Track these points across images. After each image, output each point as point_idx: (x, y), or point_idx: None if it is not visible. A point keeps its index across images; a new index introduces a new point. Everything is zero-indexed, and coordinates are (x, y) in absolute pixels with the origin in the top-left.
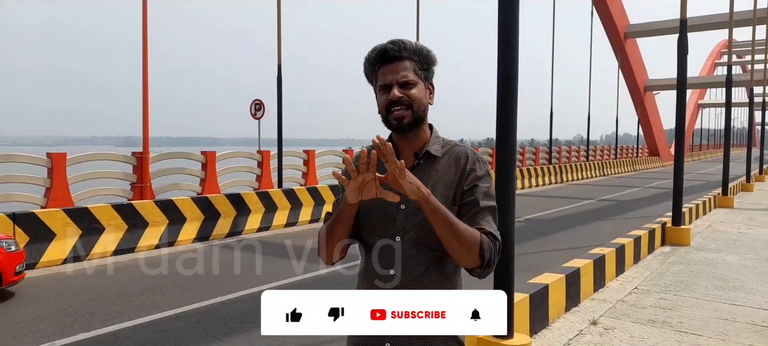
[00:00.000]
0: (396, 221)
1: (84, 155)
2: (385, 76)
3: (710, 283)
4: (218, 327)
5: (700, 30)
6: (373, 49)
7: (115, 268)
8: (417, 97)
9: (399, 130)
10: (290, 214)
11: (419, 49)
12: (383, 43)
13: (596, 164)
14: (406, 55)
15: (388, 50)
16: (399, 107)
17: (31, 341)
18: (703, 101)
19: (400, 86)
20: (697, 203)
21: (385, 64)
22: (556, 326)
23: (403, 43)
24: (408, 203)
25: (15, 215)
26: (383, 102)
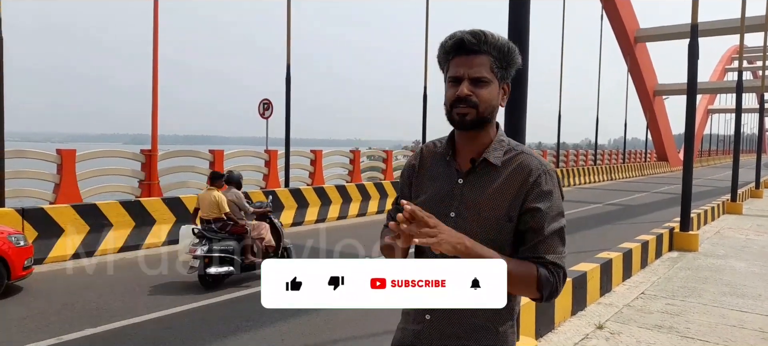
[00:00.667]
0: None
1: (93, 152)
2: (458, 69)
3: (718, 289)
4: (223, 325)
5: (711, 35)
6: (450, 35)
7: (122, 264)
8: (486, 98)
9: (460, 127)
10: (297, 213)
11: (501, 46)
12: (463, 30)
13: (604, 168)
14: (485, 49)
15: (466, 42)
16: (464, 105)
17: (39, 336)
18: (712, 107)
19: (471, 82)
20: (706, 208)
21: (459, 55)
22: (561, 330)
23: (484, 36)
24: (458, 212)
25: (24, 211)
26: (450, 95)
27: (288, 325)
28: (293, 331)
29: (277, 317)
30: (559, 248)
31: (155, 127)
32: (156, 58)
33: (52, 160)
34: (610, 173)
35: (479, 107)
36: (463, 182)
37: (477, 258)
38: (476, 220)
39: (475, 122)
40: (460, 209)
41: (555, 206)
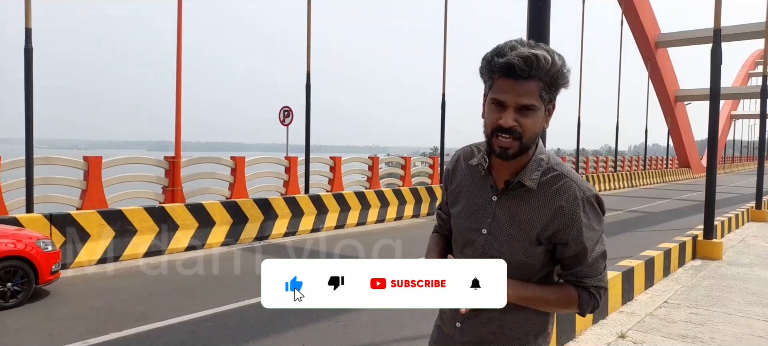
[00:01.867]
0: (476, 245)
1: (118, 159)
2: (504, 93)
3: (743, 298)
4: (246, 330)
5: (734, 40)
6: (498, 51)
7: (147, 269)
8: (530, 128)
9: (501, 158)
10: (316, 219)
11: (552, 71)
12: (516, 48)
13: (624, 175)
14: (536, 75)
15: (516, 67)
16: (507, 137)
17: (66, 339)
18: (736, 112)
19: (518, 110)
20: (730, 216)
21: (507, 78)
22: (582, 339)
23: (536, 61)
24: (491, 230)
25: (52, 216)
26: (492, 120)
27: (308, 329)
28: (313, 335)
29: (297, 322)
30: (601, 271)
31: (178, 135)
32: (179, 67)
33: (79, 167)
34: (631, 180)
35: (523, 139)
36: (498, 199)
37: (521, 299)
38: (507, 241)
39: (516, 154)
40: (492, 226)
41: (596, 236)
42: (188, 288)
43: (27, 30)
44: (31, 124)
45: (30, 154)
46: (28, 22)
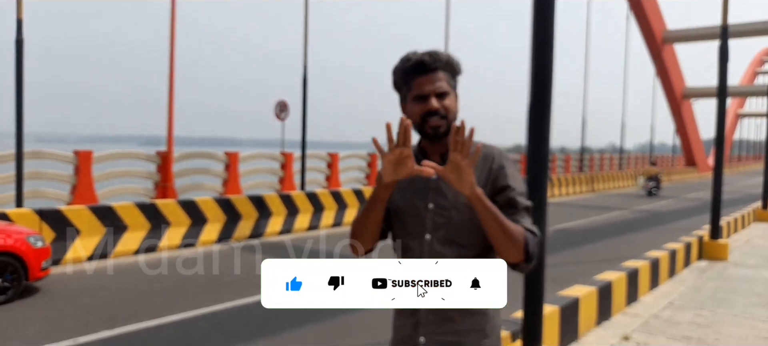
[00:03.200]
0: (425, 220)
1: (109, 153)
2: (422, 87)
3: (749, 300)
4: (239, 329)
5: (741, 36)
6: (406, 58)
7: (138, 267)
8: (451, 108)
9: (434, 139)
10: (312, 217)
11: (450, 61)
12: (417, 53)
13: (630, 174)
14: (440, 66)
15: (426, 62)
16: (436, 117)
17: (56, 337)
18: (742, 111)
19: (438, 97)
20: (736, 216)
21: (421, 75)
22: (586, 341)
23: (438, 55)
24: (436, 202)
25: (42, 211)
26: (419, 111)
27: (303, 330)
28: (308, 335)
29: (292, 322)
30: (531, 221)
31: (171, 129)
32: (172, 59)
33: (69, 162)
34: (637, 179)
35: (448, 117)
36: (437, 176)
37: (488, 208)
38: (454, 206)
39: (446, 132)
40: (437, 199)
41: (520, 185)
42: (181, 286)
43: (18, 21)
44: (21, 118)
45: (20, 148)
46: (19, 13)
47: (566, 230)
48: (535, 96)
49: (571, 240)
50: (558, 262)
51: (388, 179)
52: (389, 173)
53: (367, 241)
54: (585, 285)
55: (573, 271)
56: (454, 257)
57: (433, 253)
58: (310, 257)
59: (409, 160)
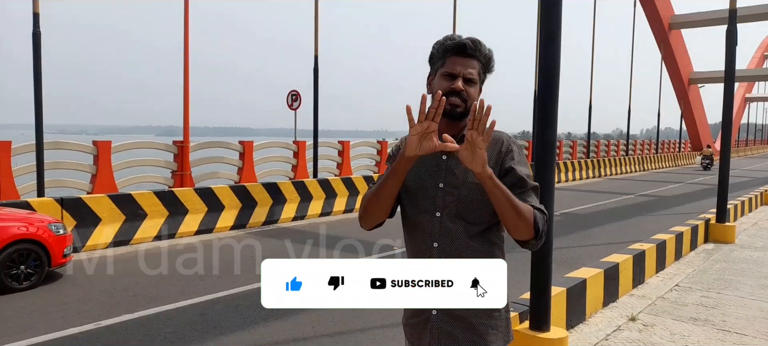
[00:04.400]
0: (436, 198)
1: (128, 143)
2: (454, 66)
3: (756, 282)
4: (255, 312)
5: (749, 21)
6: (449, 37)
7: (157, 253)
8: (473, 96)
9: (449, 117)
10: (325, 204)
11: (488, 56)
12: (461, 36)
13: (636, 159)
14: (478, 56)
15: (467, 46)
16: (457, 98)
17: (78, 321)
18: (750, 95)
19: (465, 81)
20: (743, 199)
21: (457, 56)
22: (593, 321)
23: (479, 45)
24: (446, 181)
25: (63, 200)
26: (445, 87)
27: (318, 312)
28: (323, 319)
29: None
30: (538, 201)
31: (187, 119)
32: (187, 50)
33: (88, 152)
34: (643, 164)
35: (467, 103)
36: (447, 157)
37: (498, 186)
38: (464, 185)
39: (463, 114)
40: (447, 178)
41: (526, 167)
42: (198, 271)
43: (35, 14)
44: (40, 109)
45: (40, 139)
46: (36, 7)
47: (573, 214)
48: (542, 82)
49: (578, 224)
50: (565, 245)
51: (411, 152)
52: (414, 145)
53: (379, 214)
54: (592, 267)
55: (580, 253)
56: (461, 232)
57: (443, 229)
58: (319, 242)
59: (434, 135)
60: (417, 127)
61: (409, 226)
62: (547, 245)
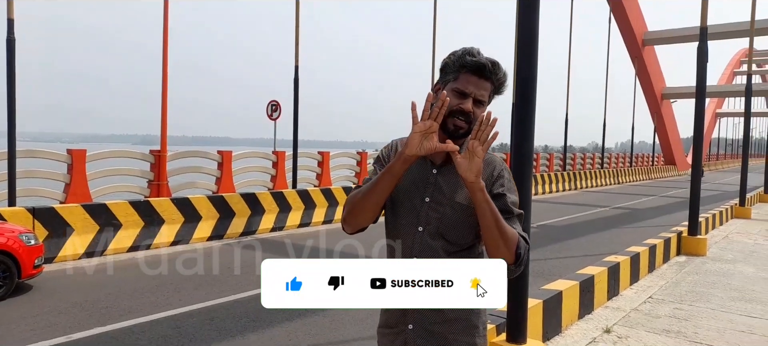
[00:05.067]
0: (420, 213)
1: (103, 152)
2: (468, 86)
3: (726, 294)
4: (231, 325)
5: (720, 38)
6: (470, 52)
7: (131, 264)
8: (478, 118)
9: (452, 137)
10: (304, 215)
11: (502, 81)
12: (482, 55)
13: (611, 172)
14: (493, 79)
15: (485, 67)
16: (463, 119)
17: (49, 334)
18: (721, 110)
19: (475, 102)
20: (714, 213)
21: (473, 75)
22: (569, 333)
23: (498, 68)
24: (432, 197)
25: (35, 210)
26: (454, 104)
27: (294, 324)
28: (299, 330)
29: (284, 316)
30: (521, 229)
31: (164, 128)
32: (166, 58)
33: (62, 160)
34: (617, 177)
35: (471, 124)
36: (437, 172)
37: (488, 201)
38: (449, 204)
39: (465, 135)
40: (434, 194)
41: (515, 196)
42: (173, 283)
43: (9, 20)
44: (13, 117)
45: (12, 147)
46: (10, 13)
47: (549, 226)
48: (519, 94)
49: (554, 236)
50: (541, 257)
51: (412, 151)
52: (415, 144)
53: (366, 216)
54: (568, 279)
55: (556, 266)
56: (440, 250)
57: (424, 245)
58: (308, 254)
59: (434, 136)
60: (420, 126)
61: (390, 238)
62: None
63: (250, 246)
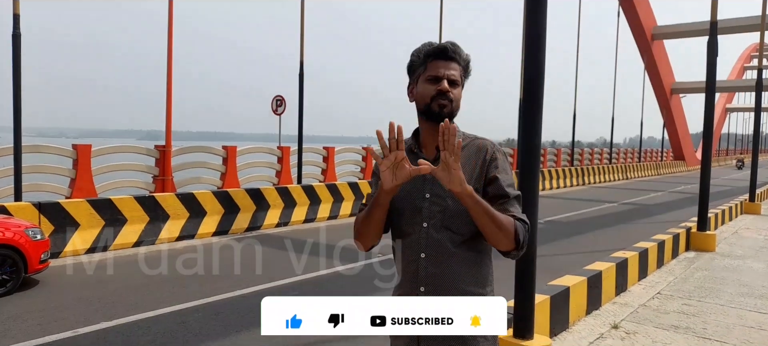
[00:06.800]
0: (423, 209)
1: (108, 147)
2: (438, 69)
3: (735, 290)
4: (236, 320)
5: (730, 33)
6: (428, 43)
7: (137, 259)
8: (457, 98)
9: (438, 118)
10: (309, 210)
11: (467, 59)
12: (440, 41)
13: (619, 167)
14: (458, 59)
15: (447, 49)
16: (444, 99)
17: (55, 329)
18: (731, 105)
19: (449, 82)
20: (723, 208)
21: (439, 60)
22: (576, 329)
23: (458, 48)
24: (432, 192)
25: (41, 205)
26: (431, 91)
27: None
28: None
29: None
30: (520, 210)
31: (169, 123)
32: (170, 51)
33: (68, 156)
34: (626, 172)
35: (453, 103)
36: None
37: (478, 203)
38: (449, 195)
39: (450, 115)
40: (433, 189)
41: (510, 176)
42: (179, 278)
43: (15, 16)
44: (19, 112)
45: (18, 143)
46: (16, 8)
47: (557, 222)
48: (527, 90)
49: (562, 232)
50: (549, 252)
51: (388, 185)
52: (389, 179)
53: (371, 238)
54: (575, 275)
55: (564, 261)
56: (447, 241)
57: (430, 239)
58: (302, 249)
59: (405, 163)
60: (385, 162)
61: (397, 237)
62: (531, 252)
63: (255, 241)
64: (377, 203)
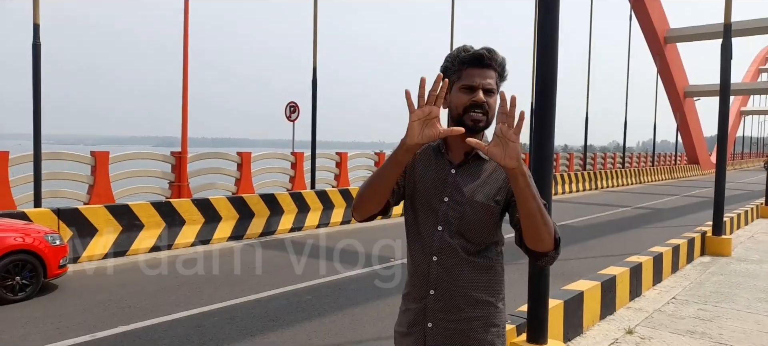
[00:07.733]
0: (439, 212)
1: (125, 154)
2: (473, 79)
3: (752, 295)
4: (252, 324)
5: (744, 35)
6: (464, 48)
7: (153, 264)
8: (493, 107)
9: (473, 132)
10: (322, 215)
11: (503, 64)
12: (476, 47)
13: (632, 171)
14: (495, 65)
15: (483, 56)
16: (479, 111)
17: (73, 333)
18: (745, 108)
19: (485, 92)
20: (739, 212)
21: (474, 67)
22: (590, 334)
23: (495, 54)
24: (451, 196)
25: (59, 211)
26: (465, 101)
27: (314, 324)
28: (320, 329)
29: (304, 317)
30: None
31: (185, 130)
32: (186, 60)
33: (86, 162)
34: (639, 176)
35: (489, 114)
36: (456, 172)
37: (530, 185)
38: (469, 203)
39: (485, 128)
40: (453, 194)
41: (536, 189)
42: (195, 283)
43: (35, 26)
44: (38, 120)
45: (38, 150)
46: (36, 18)
47: (570, 227)
48: (539, 94)
49: (575, 236)
50: (562, 257)
51: (412, 140)
52: (416, 133)
53: (374, 204)
54: (589, 280)
55: (577, 266)
56: (460, 248)
57: (443, 243)
58: (316, 254)
59: (436, 122)
60: (417, 113)
61: (410, 238)
62: None
63: (270, 246)
64: (395, 160)
